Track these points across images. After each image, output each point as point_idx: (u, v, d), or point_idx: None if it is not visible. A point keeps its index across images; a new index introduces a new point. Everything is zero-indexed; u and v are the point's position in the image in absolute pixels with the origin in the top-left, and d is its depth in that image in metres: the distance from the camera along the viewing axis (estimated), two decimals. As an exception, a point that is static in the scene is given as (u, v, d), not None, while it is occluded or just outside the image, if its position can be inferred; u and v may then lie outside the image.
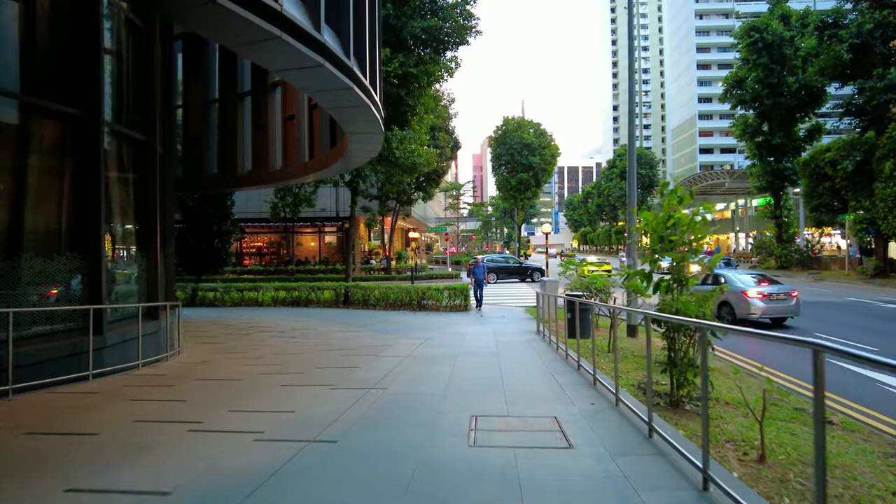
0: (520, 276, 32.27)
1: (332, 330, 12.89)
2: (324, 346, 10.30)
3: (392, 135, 18.85)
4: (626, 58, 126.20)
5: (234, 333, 12.65)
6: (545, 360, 8.32)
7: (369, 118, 10.45)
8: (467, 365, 7.80)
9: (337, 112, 10.28)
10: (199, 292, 20.33)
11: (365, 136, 11.23)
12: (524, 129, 48.50)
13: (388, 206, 33.84)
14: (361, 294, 18.82)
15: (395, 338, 11.12)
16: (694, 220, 6.82)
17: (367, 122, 10.63)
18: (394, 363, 7.84)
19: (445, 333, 12.02)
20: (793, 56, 36.03)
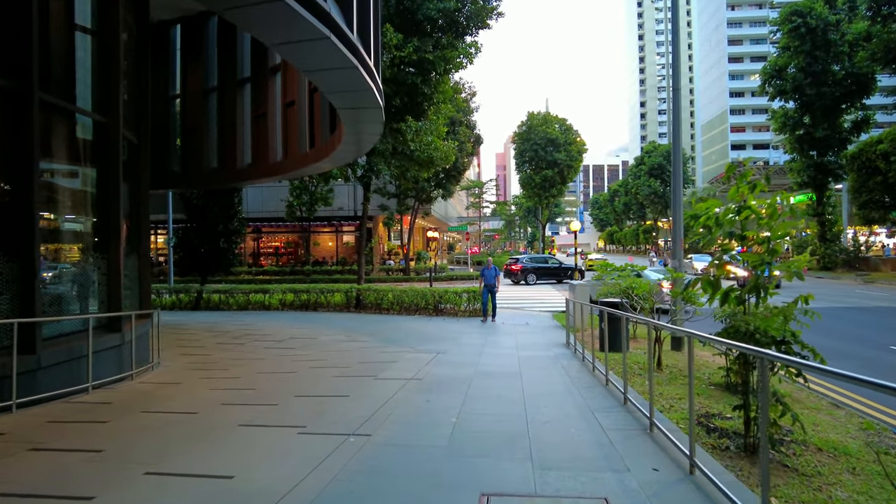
0: (558, 276, 30.04)
1: (335, 340, 11.54)
2: (319, 361, 8.93)
3: (406, 126, 17.49)
4: (653, 52, 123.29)
5: (226, 343, 11.40)
6: (579, 387, 6.79)
7: (371, 103, 9.13)
8: (483, 394, 6.31)
9: (339, 97, 8.98)
10: (204, 295, 19.22)
11: (364, 124, 9.89)
12: (549, 124, 46.74)
13: (407, 204, 32.52)
14: (374, 297, 17.48)
15: (403, 351, 9.70)
16: (777, 210, 5.24)
17: (368, 108, 9.30)
18: (392, 390, 6.40)
19: (461, 345, 10.56)
20: (839, 41, 33.61)
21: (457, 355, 9.26)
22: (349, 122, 9.89)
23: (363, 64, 8.75)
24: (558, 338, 11.71)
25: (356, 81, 8.77)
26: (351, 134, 10.41)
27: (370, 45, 9.49)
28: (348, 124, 9.95)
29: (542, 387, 6.75)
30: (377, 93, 9.47)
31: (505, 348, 10.14)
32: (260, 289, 18.99)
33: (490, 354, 9.36)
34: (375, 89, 9.40)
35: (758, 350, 3.71)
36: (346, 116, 9.88)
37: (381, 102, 9.74)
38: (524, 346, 10.37)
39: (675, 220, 11.11)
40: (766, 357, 3.50)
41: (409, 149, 17.67)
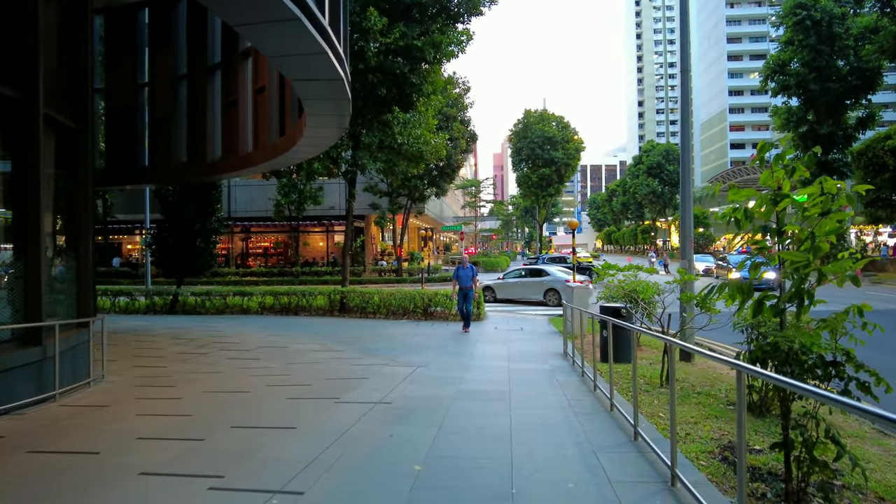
0: None
1: (308, 349, 10.45)
2: (280, 377, 7.84)
3: (393, 117, 16.40)
4: (651, 51, 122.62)
5: (189, 352, 10.30)
6: (579, 413, 5.70)
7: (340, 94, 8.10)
8: (461, 425, 5.21)
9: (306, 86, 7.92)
10: (180, 298, 18.11)
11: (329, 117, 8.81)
12: (546, 121, 45.74)
13: (399, 203, 31.43)
14: (359, 300, 16.38)
15: (379, 364, 8.61)
16: (830, 199, 4.17)
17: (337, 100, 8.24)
18: (351, 419, 5.30)
19: (447, 356, 9.48)
20: (843, 35, 32.64)
21: (440, 369, 8.18)
22: (314, 113, 8.86)
23: (333, 51, 7.74)
24: (555, 346, 10.64)
25: (326, 69, 7.78)
26: (313, 128, 9.39)
27: (339, 31, 8.51)
28: (312, 117, 8.92)
29: (534, 413, 5.66)
30: (346, 83, 8.46)
31: (495, 359, 9.05)
32: (238, 291, 17.88)
33: (477, 368, 8.28)
34: (345, 79, 8.39)
35: (822, 394, 2.61)
36: (312, 107, 8.86)
37: (349, 94, 8.76)
38: (517, 357, 9.29)
39: (683, 217, 10.06)
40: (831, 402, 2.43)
41: (397, 142, 16.57)
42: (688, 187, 9.69)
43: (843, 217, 4.36)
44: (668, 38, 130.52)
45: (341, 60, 8.43)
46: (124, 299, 18.53)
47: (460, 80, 31.41)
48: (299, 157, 12.20)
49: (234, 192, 36.86)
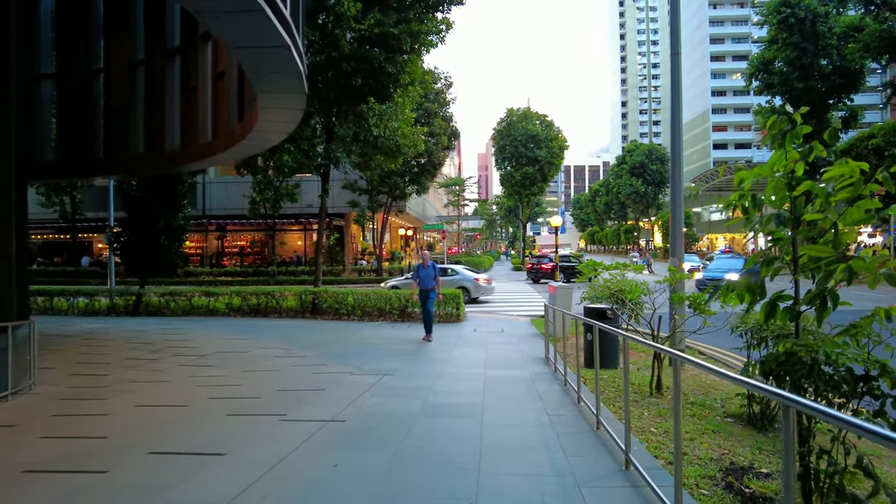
0: None
1: (269, 354, 9.61)
2: (229, 388, 7.02)
3: (368, 109, 15.61)
4: (635, 52, 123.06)
5: (139, 358, 9.43)
6: (561, 432, 4.96)
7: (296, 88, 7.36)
8: (423, 449, 4.41)
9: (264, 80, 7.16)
10: (144, 299, 17.12)
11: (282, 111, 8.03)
12: (530, 120, 45.15)
13: (379, 200, 30.58)
14: (332, 301, 15.55)
15: (343, 372, 7.83)
16: (861, 183, 3.48)
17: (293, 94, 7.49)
18: (294, 442, 4.49)
19: (418, 362, 8.73)
20: (827, 34, 32.51)
21: (409, 377, 7.43)
22: (268, 107, 8.11)
23: (294, 44, 7.01)
24: (536, 350, 9.95)
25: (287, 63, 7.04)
26: (266, 122, 8.64)
27: (298, 21, 7.80)
28: (266, 111, 8.16)
29: (509, 434, 4.92)
30: (303, 78, 7.72)
31: (470, 366, 8.32)
32: (205, 292, 16.94)
33: (450, 376, 7.53)
34: (303, 74, 7.65)
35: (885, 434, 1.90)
36: (266, 101, 8.12)
37: (305, 88, 8.04)
38: (494, 363, 8.57)
39: (673, 212, 9.42)
40: None
41: (373, 135, 15.78)
42: (678, 178, 9.06)
43: (872, 206, 3.69)
44: (651, 38, 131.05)
45: (300, 54, 7.73)
46: (83, 300, 17.48)
47: (442, 75, 30.69)
48: (257, 146, 11.35)
49: (209, 189, 35.73)
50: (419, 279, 11.56)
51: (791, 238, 3.91)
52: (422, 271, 11.62)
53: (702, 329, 6.78)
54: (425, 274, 11.56)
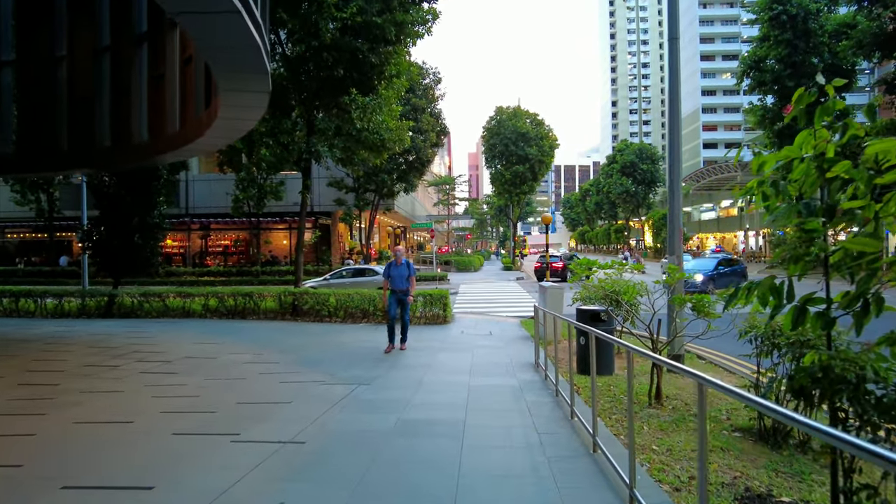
0: None
1: (238, 361, 8.94)
2: (186, 399, 6.35)
3: (351, 101, 14.94)
4: (625, 51, 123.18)
5: (98, 364, 8.73)
6: (552, 458, 4.29)
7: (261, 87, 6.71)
8: (390, 483, 3.63)
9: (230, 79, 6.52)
10: (116, 300, 16.34)
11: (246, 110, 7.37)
12: (520, 118, 44.57)
13: (366, 198, 29.89)
14: (313, 302, 14.88)
15: (313, 382, 7.17)
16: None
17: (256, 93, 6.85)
18: (241, 470, 3.79)
19: (399, 368, 8.10)
20: (819, 31, 32.22)
21: (385, 387, 6.80)
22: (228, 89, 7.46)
23: (263, 43, 6.39)
24: (525, 354, 9.35)
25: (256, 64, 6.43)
26: (229, 107, 7.99)
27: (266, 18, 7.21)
28: (227, 94, 7.51)
29: (493, 458, 4.27)
30: (264, 54, 7.08)
31: (454, 373, 7.69)
32: (180, 292, 16.19)
33: (431, 385, 6.90)
34: (264, 49, 7.01)
35: None
36: (229, 99, 7.49)
37: (267, 67, 7.41)
38: (480, 370, 7.95)
39: (672, 207, 8.85)
40: None
41: (355, 128, 15.11)
42: (676, 170, 8.49)
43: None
44: (641, 38, 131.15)
45: (267, 54, 7.13)
46: (52, 301, 16.68)
47: (430, 71, 30.05)
48: (226, 134, 10.60)
49: (192, 187, 34.92)
50: (390, 279, 9.99)
51: (824, 230, 3.33)
52: (393, 270, 10.00)
53: (705, 333, 6.20)
54: (397, 273, 9.96)
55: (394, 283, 9.94)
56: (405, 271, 9.99)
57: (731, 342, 6.36)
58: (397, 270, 9.95)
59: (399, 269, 9.98)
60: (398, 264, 10.01)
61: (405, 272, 9.99)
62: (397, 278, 9.94)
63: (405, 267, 10.02)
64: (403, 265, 10.03)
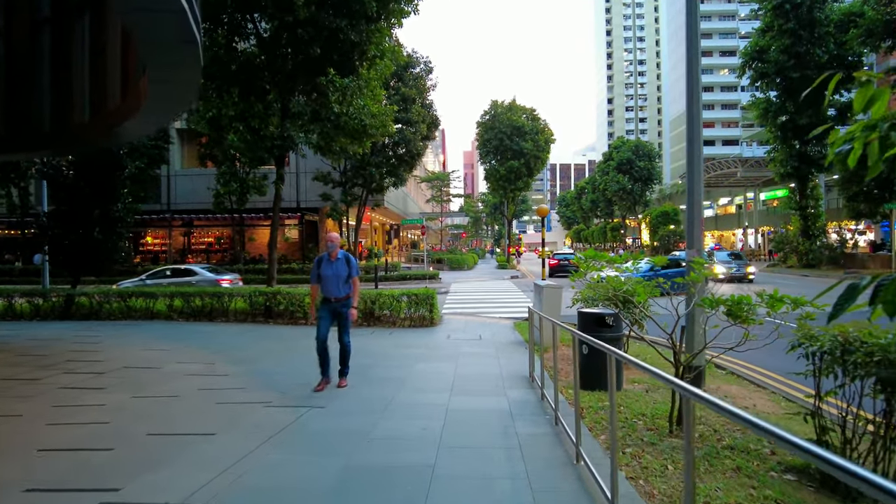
0: None
1: (184, 371, 7.65)
2: (87, 429, 5.03)
3: (328, 82, 13.64)
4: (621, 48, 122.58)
5: (14, 378, 7.41)
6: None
7: None
8: None
9: None
10: (75, 300, 14.98)
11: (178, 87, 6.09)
12: (515, 112, 43.34)
13: (354, 193, 28.56)
14: (287, 303, 13.56)
15: (258, 401, 5.87)
16: None
17: None
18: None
19: (365, 384, 6.81)
20: (824, 21, 31.06)
21: (341, 412, 5.50)
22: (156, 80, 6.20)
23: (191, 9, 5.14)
24: (518, 364, 8.08)
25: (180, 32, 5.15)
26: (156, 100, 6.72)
27: None
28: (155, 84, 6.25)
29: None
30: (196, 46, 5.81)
31: (432, 391, 6.39)
32: (142, 292, 14.83)
33: (401, 409, 5.61)
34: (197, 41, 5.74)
35: None
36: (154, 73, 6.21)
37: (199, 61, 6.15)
38: (464, 386, 6.66)
39: (691, 189, 7.53)
40: None
41: (334, 113, 13.81)
42: (696, 147, 7.22)
43: None
44: (638, 35, 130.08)
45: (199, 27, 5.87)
46: (2, 301, 15.31)
47: (421, 60, 28.72)
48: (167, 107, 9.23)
49: (174, 182, 33.57)
50: (322, 281, 6.79)
51: None
52: (325, 268, 6.78)
53: (742, 343, 4.93)
54: (332, 273, 6.74)
55: (326, 287, 6.74)
56: (343, 270, 6.78)
57: (776, 355, 5.12)
58: (331, 269, 6.73)
59: (334, 266, 6.73)
60: (332, 259, 6.76)
61: (343, 271, 6.77)
62: (331, 280, 6.71)
63: (343, 263, 6.78)
64: (341, 261, 6.77)
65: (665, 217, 64.13)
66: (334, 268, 6.75)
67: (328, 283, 6.75)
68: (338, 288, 6.74)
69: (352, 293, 6.94)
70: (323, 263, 6.82)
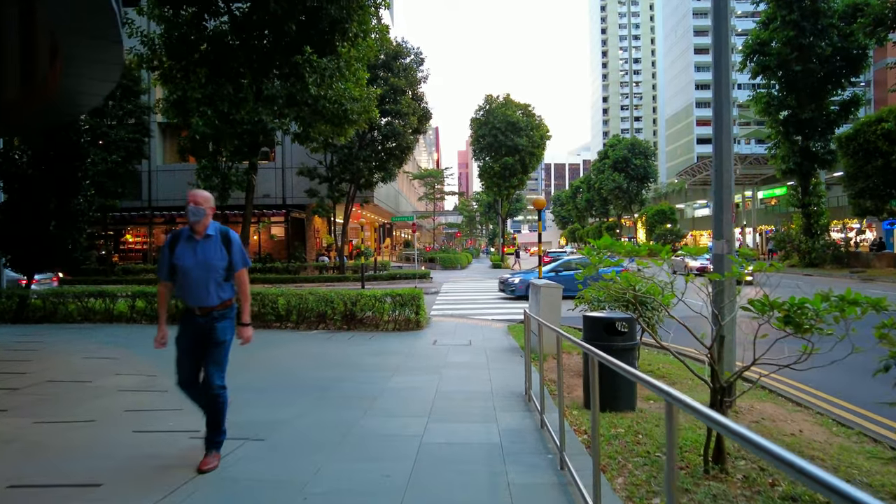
0: None
1: (118, 385, 6.46)
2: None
3: (305, 60, 12.44)
4: (616, 46, 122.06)
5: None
6: None
7: None
8: None
9: None
10: (29, 301, 13.70)
11: None
12: (510, 107, 42.19)
13: (341, 189, 27.32)
14: (258, 305, 12.32)
15: (185, 429, 4.68)
16: None
17: None
18: None
19: (326, 406, 5.60)
20: (828, 12, 30.07)
21: (284, 446, 4.29)
22: None
23: None
24: (512, 376, 6.91)
25: None
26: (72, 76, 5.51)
27: None
28: None
29: None
30: None
31: (406, 415, 5.19)
32: (100, 292, 13.56)
33: (360, 442, 4.37)
34: None
35: None
36: None
37: None
38: (446, 408, 5.47)
39: (718, 174, 6.38)
40: None
41: (311, 96, 12.60)
42: (726, 119, 6.07)
43: None
44: (633, 33, 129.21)
45: None
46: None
47: (412, 50, 27.51)
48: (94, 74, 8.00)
49: (156, 178, 32.25)
50: (180, 275, 3.90)
51: None
52: (185, 253, 3.87)
53: (802, 360, 3.77)
54: (196, 260, 3.85)
55: (187, 288, 3.90)
56: (217, 255, 3.90)
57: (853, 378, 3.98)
58: (195, 254, 3.87)
59: (201, 250, 3.88)
60: (197, 237, 3.91)
61: (217, 258, 3.90)
62: (195, 275, 3.85)
63: (217, 245, 3.93)
64: (213, 241, 3.93)
65: (661, 216, 63.24)
66: (202, 252, 3.84)
67: (190, 281, 3.83)
68: (207, 290, 3.84)
69: (237, 299, 4.09)
70: (180, 245, 3.88)
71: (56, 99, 6.92)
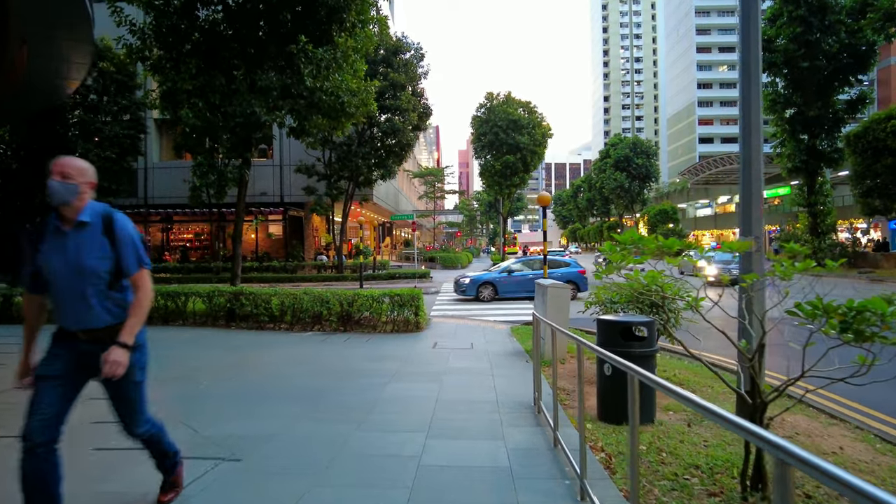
0: None
1: (95, 391, 5.92)
2: None
3: (300, 50, 11.93)
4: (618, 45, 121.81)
5: None
6: None
7: None
8: None
9: None
10: (13, 300, 13.22)
11: None
12: (511, 105, 41.62)
13: (340, 187, 26.81)
14: (251, 305, 11.82)
15: (129, 462, 4.19)
16: None
17: None
18: None
19: (314, 419, 5.08)
20: (835, 7, 29.53)
21: (263, 469, 3.76)
22: None
23: None
24: (519, 383, 6.40)
25: None
26: None
27: None
28: None
29: None
30: None
31: (401, 430, 4.65)
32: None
33: (351, 463, 3.85)
34: None
35: None
36: None
37: None
38: (447, 421, 4.96)
39: (746, 162, 5.85)
40: None
41: (307, 88, 12.09)
42: (755, 109, 5.56)
43: None
44: (634, 32, 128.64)
45: None
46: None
47: (412, 45, 27.00)
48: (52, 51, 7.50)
49: (152, 175, 31.76)
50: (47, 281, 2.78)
51: None
52: (53, 251, 2.70)
53: (864, 373, 3.26)
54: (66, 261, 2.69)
55: (55, 300, 2.85)
56: (94, 252, 2.72)
57: None
58: (61, 256, 2.71)
59: (75, 245, 2.71)
60: (65, 225, 2.74)
61: (94, 256, 2.73)
62: (60, 280, 2.74)
63: (94, 238, 2.74)
64: (91, 231, 2.74)
65: (663, 215, 62.68)
66: (73, 249, 2.71)
67: (58, 292, 2.79)
68: (86, 304, 2.79)
69: (135, 307, 2.89)
70: (48, 240, 2.75)
71: (29, 82, 6.42)
